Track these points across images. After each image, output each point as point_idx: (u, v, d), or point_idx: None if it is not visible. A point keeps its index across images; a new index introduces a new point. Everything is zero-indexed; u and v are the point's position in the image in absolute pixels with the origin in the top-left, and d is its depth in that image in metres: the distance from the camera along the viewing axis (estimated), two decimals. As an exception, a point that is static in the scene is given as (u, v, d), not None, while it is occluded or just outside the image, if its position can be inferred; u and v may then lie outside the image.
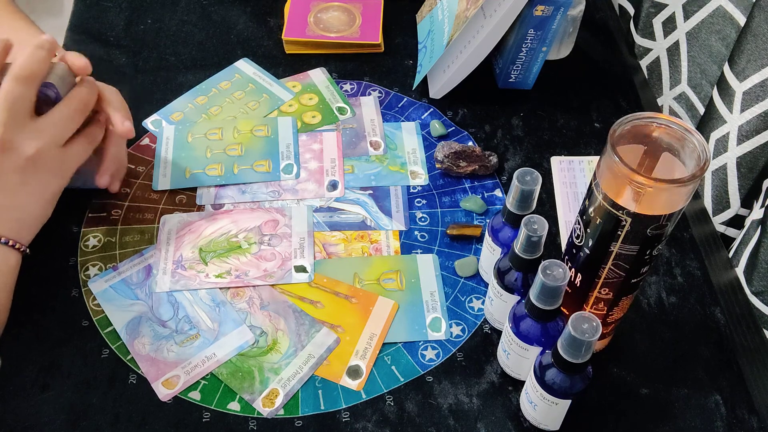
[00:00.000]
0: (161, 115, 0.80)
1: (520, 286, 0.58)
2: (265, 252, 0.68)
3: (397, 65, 0.87)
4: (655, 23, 0.86)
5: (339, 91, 0.83)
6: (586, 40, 0.90)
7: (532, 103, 0.84)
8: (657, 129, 0.49)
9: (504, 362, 0.61)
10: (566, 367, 0.51)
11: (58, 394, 0.59)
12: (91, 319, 0.63)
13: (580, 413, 0.57)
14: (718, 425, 0.59)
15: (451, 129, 0.80)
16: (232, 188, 0.73)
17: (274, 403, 0.59)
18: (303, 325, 0.63)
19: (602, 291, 0.55)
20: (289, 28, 0.87)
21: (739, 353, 0.64)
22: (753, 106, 0.68)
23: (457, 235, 0.70)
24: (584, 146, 0.80)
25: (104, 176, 0.68)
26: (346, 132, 0.79)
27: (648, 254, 0.51)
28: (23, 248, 0.60)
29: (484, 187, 0.75)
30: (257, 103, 0.81)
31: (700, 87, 0.80)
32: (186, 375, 0.60)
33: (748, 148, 0.70)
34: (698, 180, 0.46)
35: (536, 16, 0.75)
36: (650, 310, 0.66)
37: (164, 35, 0.89)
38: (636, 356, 0.64)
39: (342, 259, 0.69)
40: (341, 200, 0.73)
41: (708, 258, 0.71)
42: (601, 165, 0.49)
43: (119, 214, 0.71)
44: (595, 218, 0.51)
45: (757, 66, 0.66)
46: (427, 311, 0.65)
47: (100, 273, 0.66)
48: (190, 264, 0.67)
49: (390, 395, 0.60)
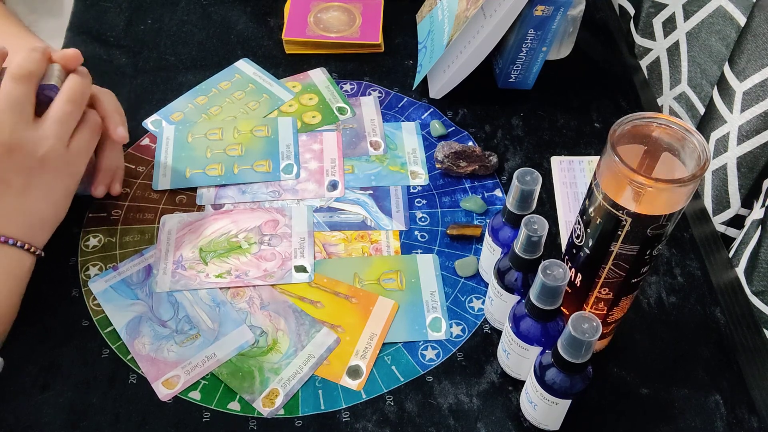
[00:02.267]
0: (161, 115, 0.80)
1: (520, 286, 0.58)
2: (265, 252, 0.68)
3: (397, 65, 0.87)
4: (655, 23, 0.86)
5: (339, 91, 0.83)
6: (586, 40, 0.90)
7: (532, 103, 0.84)
8: (657, 129, 0.49)
9: (504, 362, 0.61)
10: (566, 367, 0.51)
11: (59, 393, 0.59)
12: (91, 319, 0.63)
13: (580, 413, 0.57)
14: (718, 425, 0.59)
15: (451, 129, 0.80)
16: (232, 188, 0.73)
17: (274, 403, 0.59)
18: (303, 325, 0.64)
19: (602, 291, 0.55)
20: (289, 28, 0.87)
21: (739, 353, 0.64)
22: (753, 106, 0.68)
23: (457, 235, 0.70)
24: (584, 146, 0.80)
25: (99, 187, 0.68)
26: (346, 132, 0.79)
27: (648, 254, 0.51)
28: (37, 251, 0.60)
29: (484, 187, 0.75)
30: (257, 103, 0.81)
31: (700, 87, 0.80)
32: (186, 375, 0.60)
33: (748, 148, 0.70)
34: (698, 180, 0.46)
35: (536, 16, 0.75)
36: (650, 310, 0.66)
37: (164, 35, 0.89)
38: (636, 356, 0.64)
39: (342, 259, 0.69)
40: (341, 200, 0.73)
41: (708, 258, 0.71)
42: (601, 165, 0.49)
43: (119, 214, 0.71)
44: (595, 218, 0.51)
45: (757, 66, 0.66)
46: (427, 311, 0.65)
47: (100, 273, 0.66)
48: (190, 264, 0.67)
49: (390, 395, 0.60)
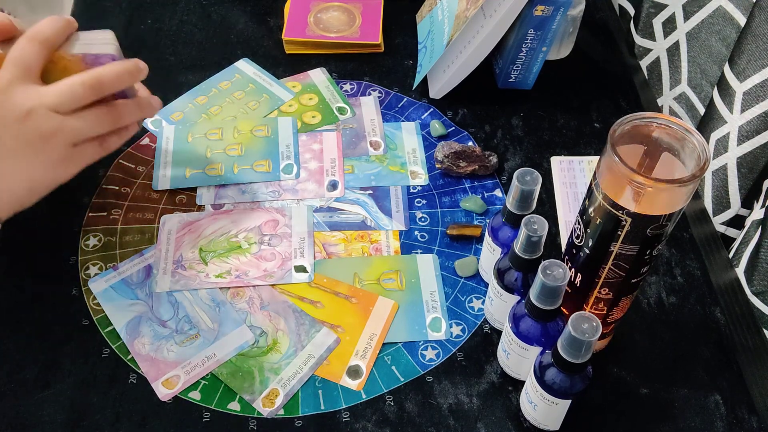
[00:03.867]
0: (161, 115, 0.80)
1: (520, 286, 0.58)
2: (265, 252, 0.68)
3: (397, 65, 0.87)
4: (655, 23, 0.86)
5: (339, 91, 0.83)
6: (586, 40, 0.90)
7: (532, 103, 0.84)
8: (657, 129, 0.49)
9: (504, 362, 0.61)
10: (566, 367, 0.51)
11: (59, 392, 0.59)
12: (91, 319, 0.63)
13: (580, 413, 0.57)
14: (718, 425, 0.59)
15: (451, 129, 0.80)
16: (232, 188, 0.73)
17: (274, 403, 0.59)
18: (303, 325, 0.64)
19: (602, 291, 0.55)
20: (289, 28, 0.87)
21: (739, 353, 0.64)
22: (753, 106, 0.68)
23: (457, 235, 0.70)
24: (584, 146, 0.80)
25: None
26: (346, 132, 0.79)
27: (648, 254, 0.51)
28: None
29: (484, 187, 0.75)
30: (257, 103, 0.81)
31: (701, 87, 0.80)
32: (186, 375, 0.60)
33: (748, 148, 0.70)
34: (698, 180, 0.46)
35: (536, 16, 0.75)
36: (650, 310, 0.66)
37: (164, 35, 0.89)
38: (636, 356, 0.64)
39: (342, 259, 0.69)
40: (341, 200, 0.73)
41: (708, 258, 0.71)
42: (601, 165, 0.49)
43: (119, 214, 0.71)
44: (595, 218, 0.51)
45: (757, 66, 0.66)
46: (427, 311, 0.65)
47: (100, 273, 0.66)
48: (190, 264, 0.67)
49: (390, 395, 0.60)
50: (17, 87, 0.55)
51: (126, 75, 0.59)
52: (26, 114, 0.55)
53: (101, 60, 0.59)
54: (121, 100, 0.61)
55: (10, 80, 0.56)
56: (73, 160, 0.59)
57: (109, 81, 0.58)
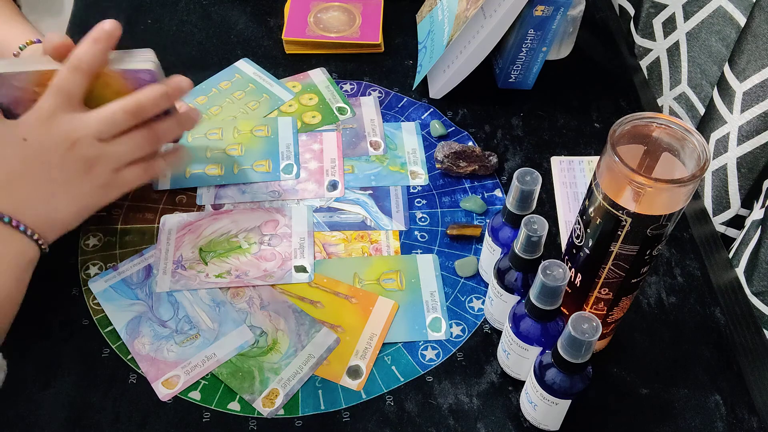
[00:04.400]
0: (161, 115, 0.80)
1: (520, 286, 0.58)
2: (265, 252, 0.68)
3: (397, 65, 0.87)
4: (655, 23, 0.86)
5: (339, 91, 0.83)
6: (586, 40, 0.90)
7: (532, 103, 0.84)
8: (657, 129, 0.49)
9: (504, 362, 0.61)
10: (566, 367, 0.51)
11: (59, 392, 0.59)
12: (91, 318, 0.63)
13: (580, 413, 0.57)
14: (718, 425, 0.59)
15: (451, 129, 0.80)
16: (232, 188, 0.73)
17: (274, 403, 0.59)
18: (303, 325, 0.64)
19: (602, 291, 0.55)
20: (289, 28, 0.87)
21: (739, 353, 0.64)
22: (753, 106, 0.68)
23: (457, 235, 0.70)
24: (584, 146, 0.80)
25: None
26: (346, 132, 0.79)
27: (648, 254, 0.51)
28: (44, 246, 0.59)
29: (484, 187, 0.75)
30: (257, 103, 0.81)
31: (700, 87, 0.80)
32: (186, 375, 0.60)
33: (748, 148, 0.70)
34: (698, 180, 0.46)
35: (536, 16, 0.75)
36: (650, 310, 0.66)
37: (164, 35, 0.89)
38: (636, 356, 0.64)
39: (342, 259, 0.69)
40: (341, 200, 0.73)
41: (708, 258, 0.71)
42: (601, 165, 0.49)
43: (119, 214, 0.71)
44: (595, 218, 0.51)
45: (757, 66, 0.66)
46: (427, 311, 0.65)
47: (100, 273, 0.66)
48: (190, 264, 0.67)
49: (390, 395, 0.60)
50: (61, 116, 0.58)
51: (164, 99, 0.60)
52: (72, 144, 0.58)
53: (140, 75, 0.60)
54: (160, 122, 0.62)
55: (54, 110, 0.57)
56: (116, 185, 0.61)
57: (149, 105, 0.60)
